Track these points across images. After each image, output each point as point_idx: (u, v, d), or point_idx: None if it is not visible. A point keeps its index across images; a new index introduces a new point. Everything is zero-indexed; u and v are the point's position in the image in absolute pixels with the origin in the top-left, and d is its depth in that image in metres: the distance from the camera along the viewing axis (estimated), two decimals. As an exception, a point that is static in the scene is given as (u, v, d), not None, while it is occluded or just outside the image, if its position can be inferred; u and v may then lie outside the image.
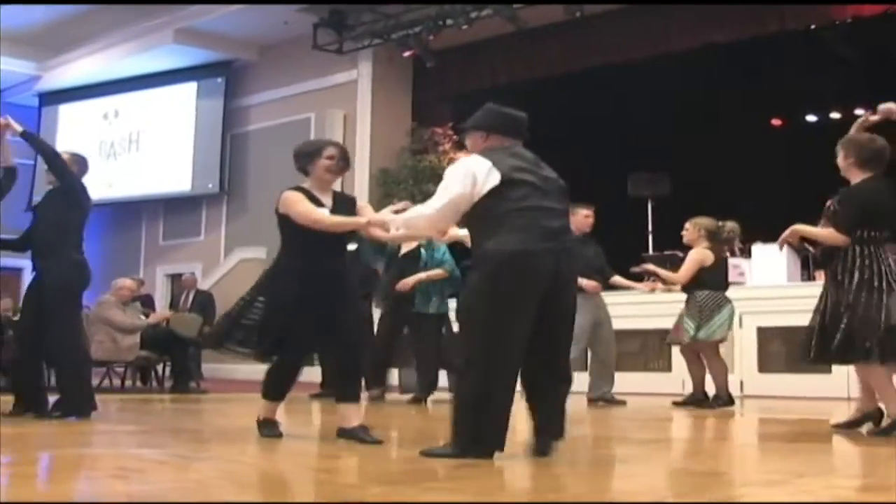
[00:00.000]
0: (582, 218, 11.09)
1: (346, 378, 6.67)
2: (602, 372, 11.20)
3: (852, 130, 7.73)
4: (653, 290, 11.51)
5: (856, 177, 7.43)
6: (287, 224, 6.57)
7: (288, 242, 6.65)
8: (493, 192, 5.56)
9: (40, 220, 8.40)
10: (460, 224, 6.08)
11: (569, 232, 5.96)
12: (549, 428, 5.69)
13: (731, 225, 11.06)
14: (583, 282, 10.79)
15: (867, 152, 7.42)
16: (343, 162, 6.82)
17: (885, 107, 7.69)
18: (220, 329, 6.79)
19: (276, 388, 6.70)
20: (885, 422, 7.19)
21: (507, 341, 5.42)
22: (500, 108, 6.06)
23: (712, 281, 10.64)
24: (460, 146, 15.88)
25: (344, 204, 6.79)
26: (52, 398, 8.27)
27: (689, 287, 10.69)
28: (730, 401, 10.66)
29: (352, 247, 8.60)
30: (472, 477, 4.88)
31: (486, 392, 5.38)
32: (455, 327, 6.72)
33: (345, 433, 6.41)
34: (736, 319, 10.95)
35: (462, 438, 5.42)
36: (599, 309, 11.12)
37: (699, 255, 10.67)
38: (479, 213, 5.60)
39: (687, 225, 11.04)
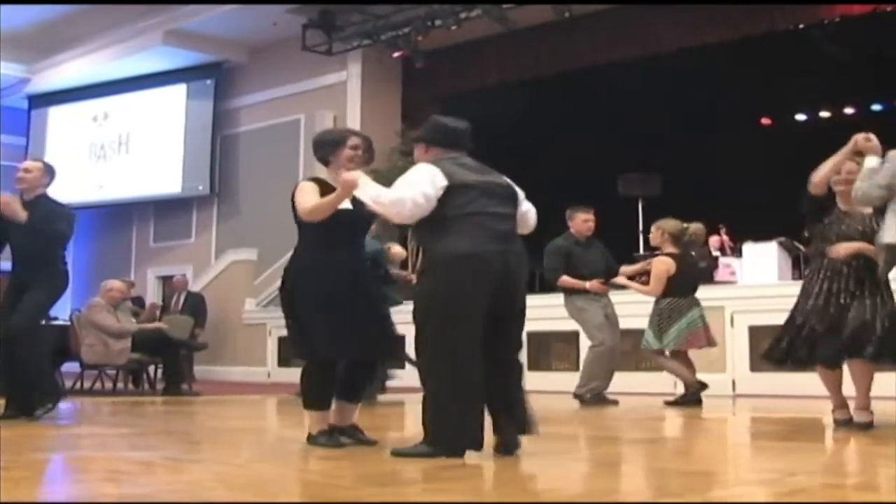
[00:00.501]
0: (581, 222, 11.14)
1: (361, 378, 6.52)
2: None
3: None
4: (607, 290, 11.43)
5: None
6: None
7: (302, 237, 6.38)
8: (442, 197, 5.66)
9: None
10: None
11: (517, 235, 5.97)
12: (512, 421, 5.77)
13: (694, 227, 11.04)
14: (588, 283, 10.87)
15: None
16: (367, 153, 6.65)
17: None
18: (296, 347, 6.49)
19: (320, 394, 6.31)
20: None
21: (464, 339, 5.52)
22: (442, 120, 6.07)
23: (676, 288, 10.69)
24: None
25: None
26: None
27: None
28: (701, 389, 10.76)
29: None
30: (464, 478, 4.89)
31: (452, 391, 5.48)
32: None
33: (340, 432, 6.33)
34: (727, 319, 10.93)
35: (433, 437, 5.50)
36: (607, 307, 11.14)
37: (663, 266, 10.72)
38: (429, 218, 5.69)
39: (652, 228, 11.15)
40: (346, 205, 6.15)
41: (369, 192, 5.82)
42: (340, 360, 6.32)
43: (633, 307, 11.65)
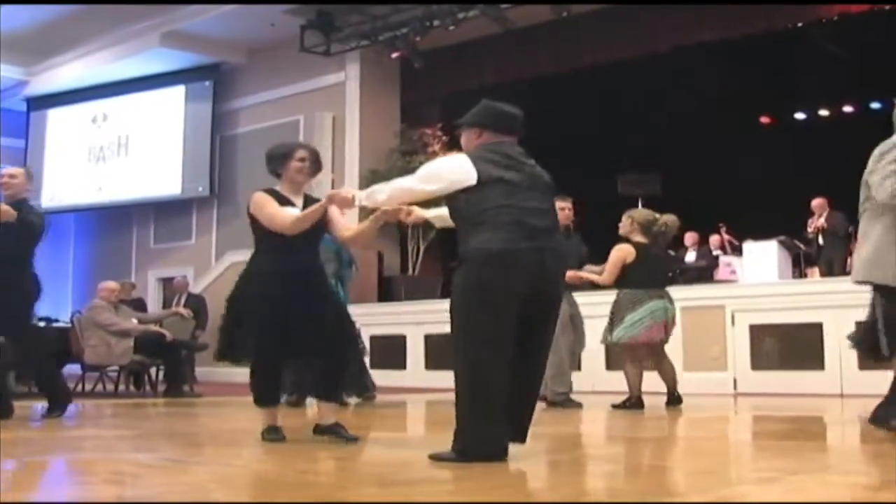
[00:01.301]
0: (557, 211, 10.76)
1: (328, 377, 6.69)
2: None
3: None
4: (579, 281, 11.02)
5: None
6: (257, 224, 6.67)
7: (260, 241, 6.74)
8: (473, 190, 5.57)
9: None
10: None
11: (557, 230, 5.92)
12: (518, 428, 5.65)
13: (665, 218, 10.54)
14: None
15: None
16: (314, 164, 6.87)
17: None
18: (220, 343, 6.83)
19: (267, 391, 6.72)
20: None
21: (494, 339, 5.40)
22: (495, 104, 6.03)
23: (635, 277, 10.17)
24: (450, 147, 15.92)
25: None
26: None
27: (616, 285, 10.35)
28: (678, 400, 10.37)
29: None
30: (465, 478, 4.88)
31: (473, 395, 5.37)
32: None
33: (322, 430, 6.54)
34: (728, 317, 10.78)
35: (457, 444, 5.38)
36: (573, 307, 10.74)
37: (620, 252, 10.29)
38: (463, 212, 5.63)
39: (623, 217, 10.67)
40: (298, 213, 6.56)
41: (377, 197, 5.99)
42: (296, 360, 6.89)
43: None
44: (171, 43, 20.26)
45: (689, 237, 16.88)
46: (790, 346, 12.92)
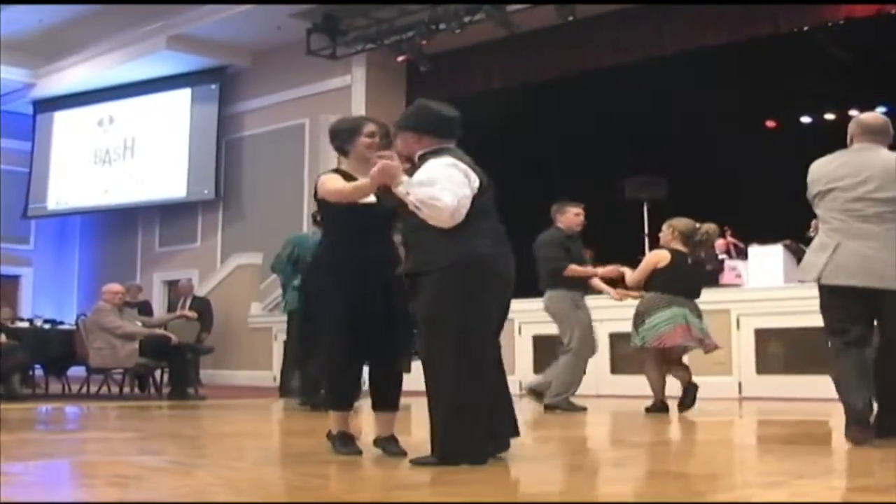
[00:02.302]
0: (573, 216, 10.80)
1: (390, 382, 6.22)
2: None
3: None
4: (622, 298, 11.08)
5: None
6: (327, 210, 6.15)
7: (327, 232, 6.29)
8: (476, 194, 5.53)
9: None
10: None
11: None
12: (508, 422, 5.73)
13: (707, 226, 10.58)
14: (600, 270, 10.63)
15: None
16: (385, 140, 6.28)
17: None
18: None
19: (341, 393, 6.14)
20: None
21: (485, 342, 5.47)
22: (433, 106, 5.90)
23: (664, 283, 10.18)
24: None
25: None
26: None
27: (645, 288, 10.36)
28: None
29: None
30: (466, 482, 4.88)
31: (470, 394, 5.35)
32: None
33: (380, 442, 6.10)
34: (733, 321, 10.73)
35: (450, 444, 5.35)
36: (588, 311, 10.79)
37: (653, 258, 10.39)
38: None
39: (664, 226, 10.72)
40: (371, 199, 5.96)
41: (416, 192, 5.46)
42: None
43: (632, 310, 11.56)
44: (177, 46, 20.29)
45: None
46: (795, 351, 12.91)
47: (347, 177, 6.09)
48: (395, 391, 6.20)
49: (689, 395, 10.31)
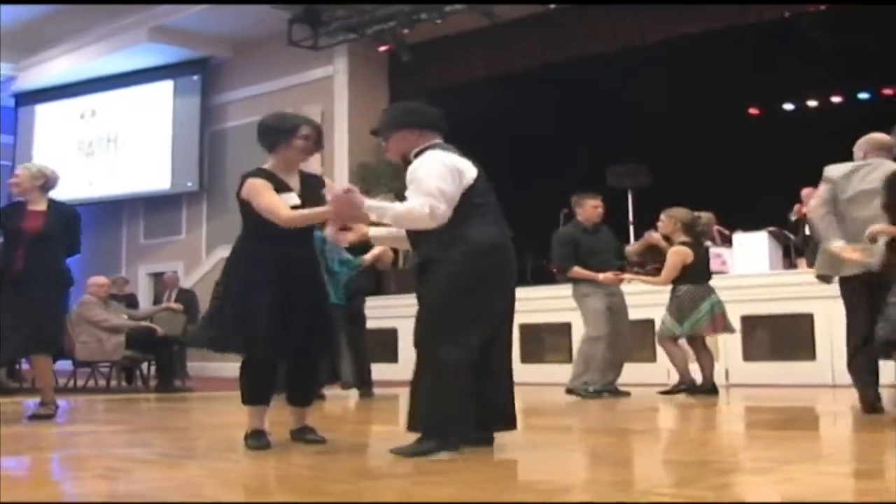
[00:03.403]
0: (590, 209, 10.99)
1: (306, 378, 6.31)
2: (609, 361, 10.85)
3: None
4: (620, 282, 11.24)
5: None
6: (249, 210, 6.02)
7: (249, 228, 6.11)
8: (472, 185, 5.58)
9: None
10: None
11: None
12: (505, 416, 5.76)
13: (706, 216, 11.04)
14: (601, 276, 10.75)
15: None
16: (317, 144, 6.22)
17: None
18: (197, 329, 6.57)
19: (258, 389, 6.11)
20: None
21: (483, 330, 5.50)
22: (417, 104, 6.01)
23: (693, 275, 10.67)
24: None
25: (311, 185, 6.15)
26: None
27: (672, 282, 10.76)
28: (713, 390, 10.70)
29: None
30: (460, 470, 4.89)
31: (458, 381, 5.38)
32: None
33: (295, 435, 6.22)
34: (727, 309, 10.90)
35: (436, 431, 5.39)
36: (613, 296, 10.97)
37: (680, 256, 10.69)
38: (458, 204, 5.54)
39: (662, 217, 11.05)
40: (295, 200, 5.97)
41: (387, 212, 5.58)
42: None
43: (631, 298, 11.59)
44: (158, 38, 20.24)
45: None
46: (781, 337, 12.95)
47: (273, 178, 6.03)
48: (310, 386, 6.41)
49: (710, 384, 10.80)
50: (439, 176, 5.47)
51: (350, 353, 11.30)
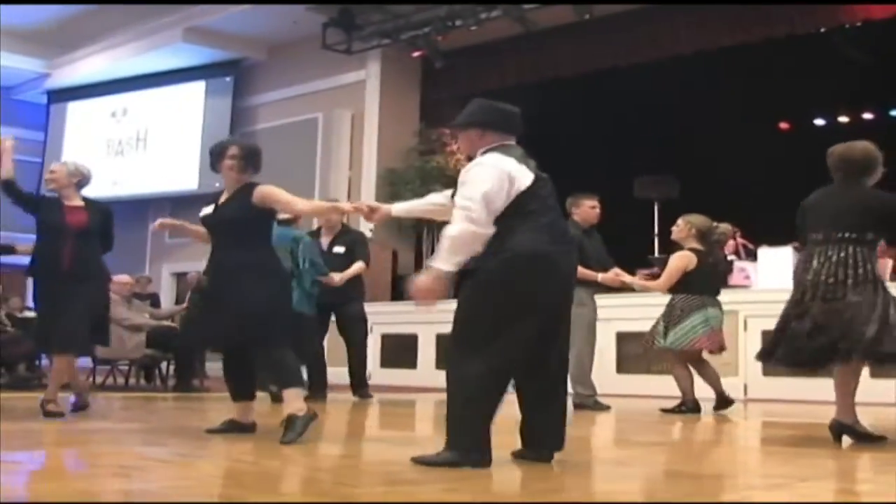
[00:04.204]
0: (588, 209, 10.68)
1: (244, 374, 7.08)
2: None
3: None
4: (620, 283, 10.97)
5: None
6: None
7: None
8: (525, 191, 5.36)
9: None
10: None
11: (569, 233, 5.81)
12: (551, 439, 5.51)
13: (724, 226, 10.63)
14: (600, 276, 10.48)
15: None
16: (244, 161, 7.19)
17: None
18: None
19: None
20: None
21: (520, 342, 5.22)
22: (493, 102, 5.80)
23: (694, 284, 10.17)
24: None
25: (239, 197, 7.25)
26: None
27: (671, 289, 10.31)
28: (729, 401, 10.46)
29: None
30: (470, 477, 4.87)
31: (487, 394, 5.18)
32: None
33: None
34: (741, 323, 10.74)
35: (462, 443, 5.18)
36: (594, 311, 10.75)
37: (682, 261, 10.24)
38: (506, 210, 5.32)
39: (679, 221, 10.62)
40: (207, 211, 7.17)
41: (443, 253, 5.28)
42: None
43: (639, 310, 11.56)
44: (193, 38, 20.34)
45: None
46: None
47: (217, 198, 7.29)
48: (250, 381, 7.01)
49: (723, 397, 10.45)
50: (485, 180, 5.30)
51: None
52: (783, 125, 20.24)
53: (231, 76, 21.54)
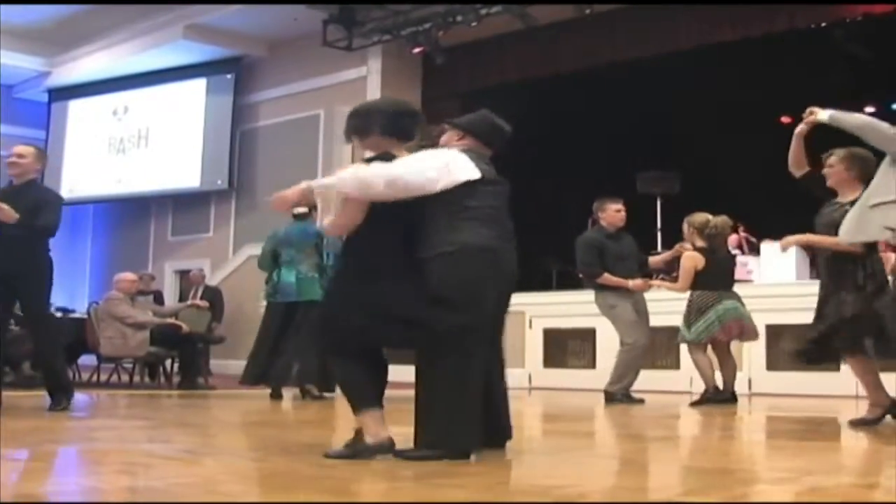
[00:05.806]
0: (613, 213, 11.04)
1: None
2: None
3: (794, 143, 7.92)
4: (648, 288, 11.32)
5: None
6: None
7: None
8: (468, 185, 5.46)
9: None
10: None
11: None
12: (504, 428, 5.67)
13: (718, 220, 11.00)
14: (630, 283, 10.77)
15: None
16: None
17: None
18: None
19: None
20: None
21: (480, 335, 5.34)
22: (493, 117, 5.96)
23: (705, 281, 10.68)
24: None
25: None
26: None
27: (690, 288, 10.80)
28: (733, 399, 10.74)
29: None
30: (477, 473, 4.87)
31: (462, 387, 5.25)
32: None
33: None
34: (752, 317, 10.87)
35: (440, 438, 5.26)
36: (638, 303, 11.07)
37: (690, 261, 10.74)
38: (449, 203, 5.43)
39: (684, 225, 11.17)
40: None
41: (340, 176, 5.57)
42: None
43: (657, 304, 11.59)
44: (193, 36, 20.33)
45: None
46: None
47: None
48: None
49: (731, 393, 10.80)
50: (422, 158, 5.58)
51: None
52: (785, 119, 20.18)
53: (232, 73, 21.52)
